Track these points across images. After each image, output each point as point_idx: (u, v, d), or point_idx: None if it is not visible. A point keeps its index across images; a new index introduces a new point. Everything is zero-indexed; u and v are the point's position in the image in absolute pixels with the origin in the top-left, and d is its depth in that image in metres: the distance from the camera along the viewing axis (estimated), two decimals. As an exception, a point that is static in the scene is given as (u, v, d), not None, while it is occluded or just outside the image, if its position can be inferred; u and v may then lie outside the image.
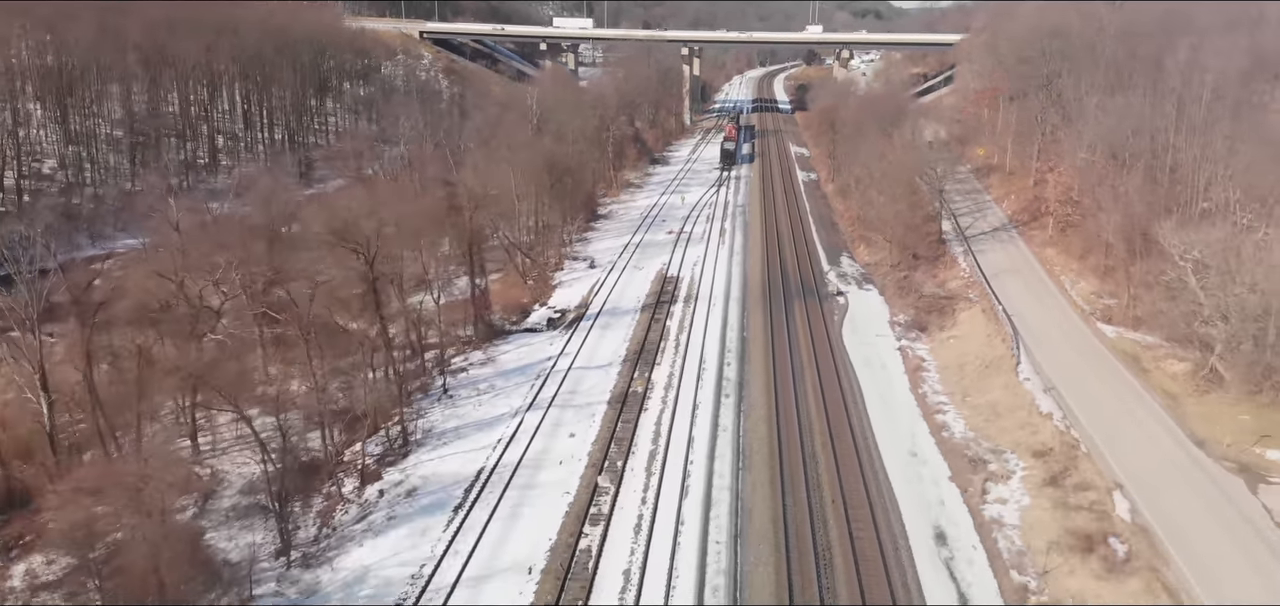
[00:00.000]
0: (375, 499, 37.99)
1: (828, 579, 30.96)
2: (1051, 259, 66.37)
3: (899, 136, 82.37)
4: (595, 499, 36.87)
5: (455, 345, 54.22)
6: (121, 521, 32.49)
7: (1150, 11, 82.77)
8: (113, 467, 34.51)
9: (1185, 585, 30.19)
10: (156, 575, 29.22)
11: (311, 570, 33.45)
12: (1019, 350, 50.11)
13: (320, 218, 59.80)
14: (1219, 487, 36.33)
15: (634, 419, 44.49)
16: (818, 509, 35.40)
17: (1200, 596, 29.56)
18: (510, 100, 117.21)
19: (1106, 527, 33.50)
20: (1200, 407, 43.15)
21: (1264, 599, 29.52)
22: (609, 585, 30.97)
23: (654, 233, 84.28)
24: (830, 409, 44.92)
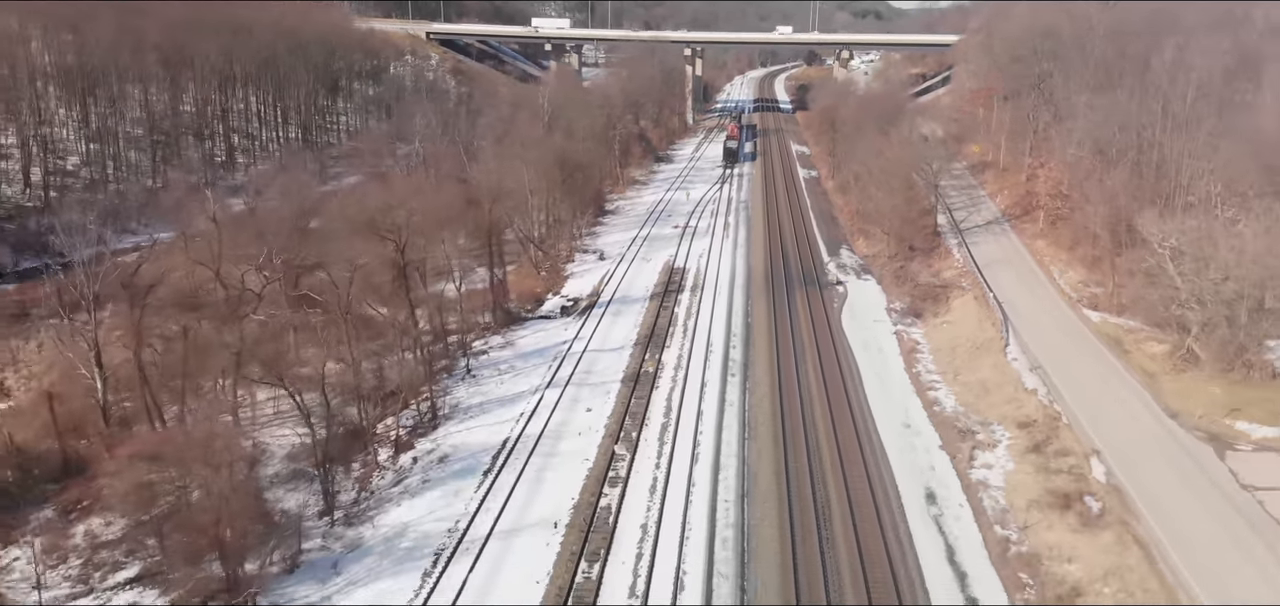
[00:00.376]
0: (409, 465, 41.08)
1: (827, 531, 34.00)
2: (1041, 250, 69.43)
3: (897, 134, 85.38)
4: (613, 464, 39.92)
5: (475, 330, 57.26)
6: (180, 482, 35.64)
7: (1138, 12, 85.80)
8: (174, 432, 37.60)
9: (1153, 537, 33.18)
10: (218, 527, 32.22)
11: (354, 527, 36.50)
12: (1008, 333, 53.20)
13: (343, 211, 63.16)
14: (1189, 454, 39.36)
15: (646, 396, 47.54)
16: (817, 472, 38.48)
17: (1166, 544, 32.55)
18: (519, 100, 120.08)
19: (1083, 488, 36.55)
20: (1176, 384, 46.15)
21: (1225, 549, 32.48)
22: (628, 537, 34.02)
23: (660, 227, 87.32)
24: (829, 386, 47.99)
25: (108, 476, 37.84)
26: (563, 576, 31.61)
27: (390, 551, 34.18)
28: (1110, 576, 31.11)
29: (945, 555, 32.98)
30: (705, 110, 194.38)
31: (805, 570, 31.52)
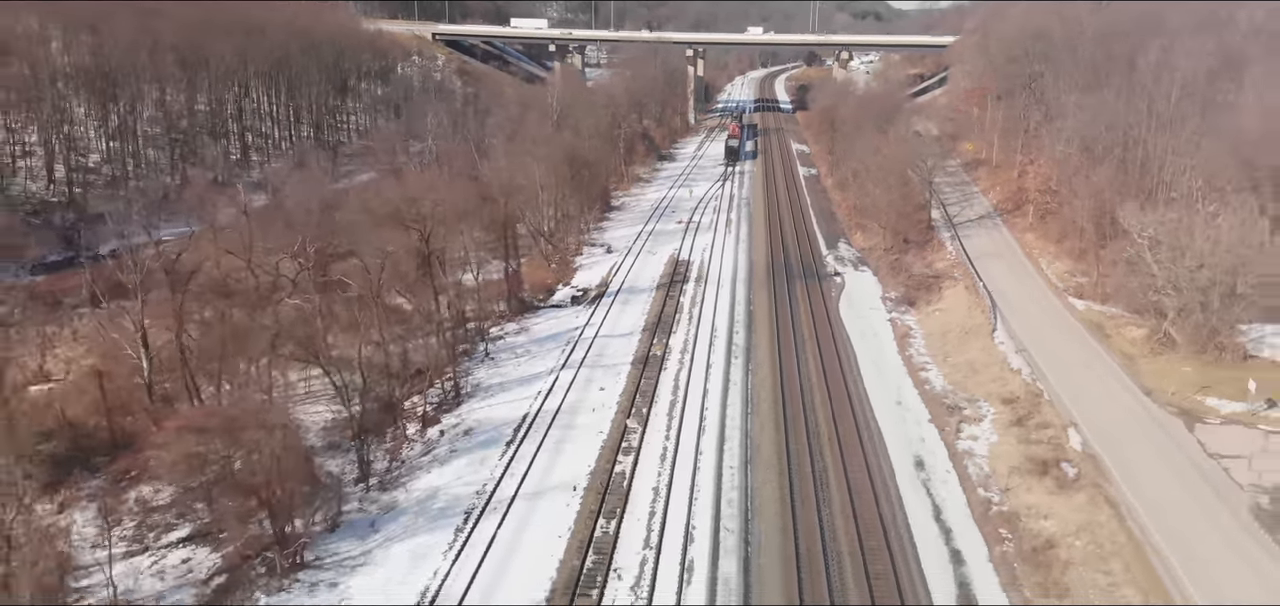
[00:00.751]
0: (437, 438, 44.16)
1: (824, 493, 37.06)
2: (1031, 243, 72.51)
3: (893, 132, 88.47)
4: (625, 436, 42.99)
5: (492, 318, 60.32)
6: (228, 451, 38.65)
7: (1127, 14, 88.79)
8: (224, 404, 40.67)
9: (1124, 498, 36.20)
10: (268, 487, 35.23)
11: (388, 492, 39.57)
12: (996, 319, 56.27)
13: (366, 204, 66.26)
14: (1161, 426, 42.41)
15: (655, 376, 50.61)
16: (815, 443, 41.57)
17: (1135, 504, 35.57)
18: (526, 100, 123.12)
19: (1060, 455, 39.60)
20: (1152, 365, 49.23)
21: (1189, 508, 35.50)
22: (642, 498, 37.09)
23: (665, 222, 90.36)
24: (827, 367, 51.06)
25: (158, 447, 40.85)
26: (583, 531, 34.67)
27: (424, 511, 37.25)
28: (1082, 531, 34.15)
29: (932, 514, 36.06)
30: (707, 110, 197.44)
31: (803, 526, 34.56)
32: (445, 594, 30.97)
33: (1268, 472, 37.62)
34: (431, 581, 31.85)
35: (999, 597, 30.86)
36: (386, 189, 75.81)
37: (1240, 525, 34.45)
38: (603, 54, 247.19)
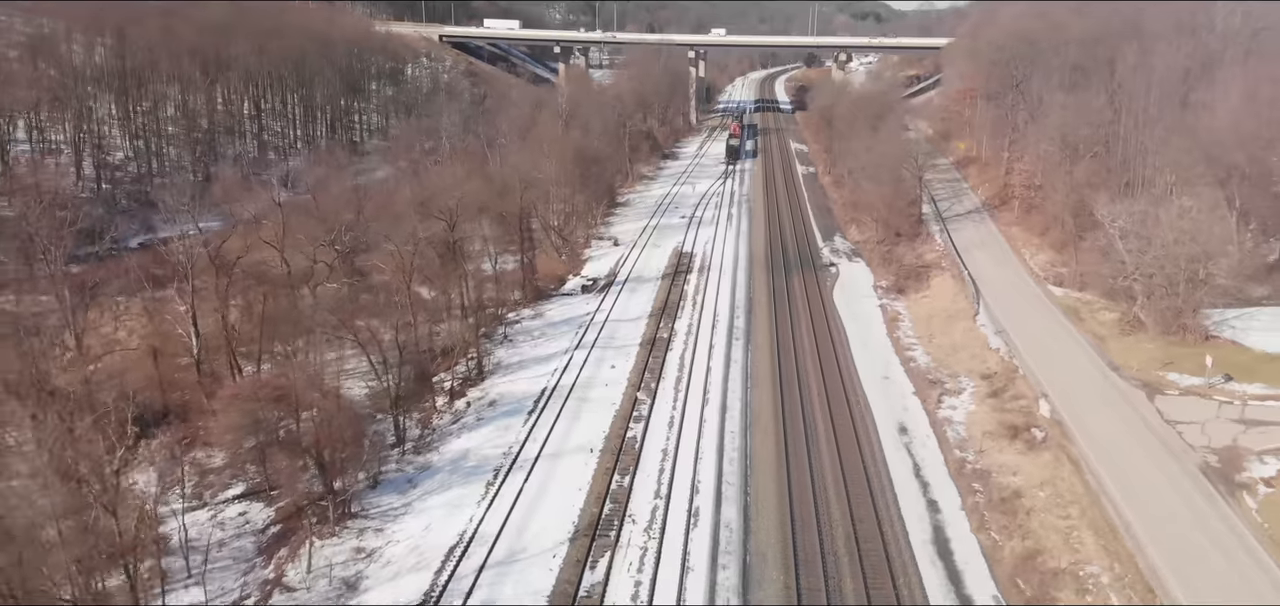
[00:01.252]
0: (464, 408, 48.39)
1: (815, 453, 41.26)
2: (1015, 235, 76.68)
3: (886, 131, 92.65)
4: (636, 407, 47.19)
5: (509, 304, 64.50)
6: (279, 416, 42.85)
7: (1108, 18, 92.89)
8: (272, 377, 44.86)
9: (1085, 456, 40.35)
10: (319, 445, 39.39)
11: (422, 454, 43.79)
12: (978, 304, 60.45)
13: (391, 198, 70.45)
14: (1124, 397, 46.55)
15: (662, 355, 54.80)
16: (808, 411, 45.78)
17: (1095, 462, 39.71)
18: (538, 100, 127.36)
19: (1030, 421, 43.78)
20: (1121, 344, 53.35)
21: (1143, 465, 39.63)
22: (652, 458, 41.29)
23: (669, 217, 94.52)
24: (820, 347, 55.26)
25: (213, 414, 45.12)
26: (600, 485, 38.86)
27: (456, 470, 41.45)
28: (1045, 484, 38.33)
29: (913, 471, 40.25)
30: (708, 110, 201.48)
31: (796, 481, 38.75)
32: (480, 534, 35.15)
33: (1217, 436, 41.74)
34: (467, 525, 36.04)
35: (969, 538, 35.03)
36: (406, 184, 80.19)
37: (1188, 478, 38.56)
38: (605, 55, 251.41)
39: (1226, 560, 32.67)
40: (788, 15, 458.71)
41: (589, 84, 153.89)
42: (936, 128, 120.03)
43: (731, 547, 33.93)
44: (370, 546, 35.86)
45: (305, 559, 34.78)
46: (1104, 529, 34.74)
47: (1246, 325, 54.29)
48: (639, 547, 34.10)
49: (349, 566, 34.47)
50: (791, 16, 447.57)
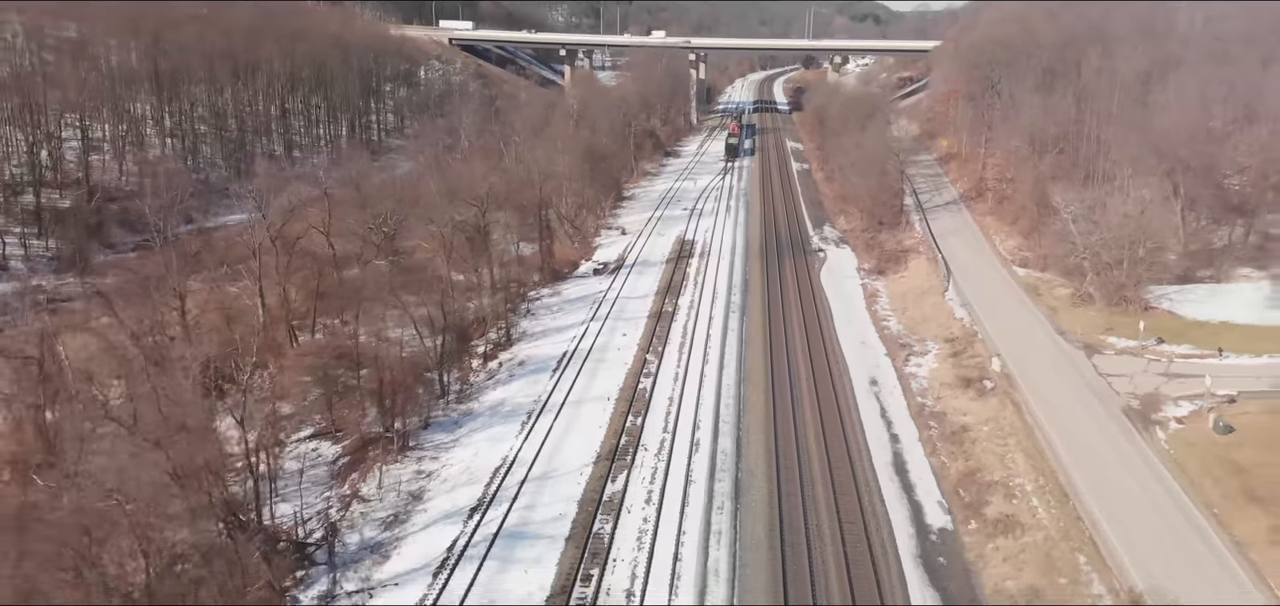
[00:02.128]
0: (497, 368, 55.91)
1: (797, 399, 48.77)
2: (988, 223, 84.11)
3: (872, 129, 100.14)
4: (645, 366, 54.66)
5: (530, 284, 71.96)
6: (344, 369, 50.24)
7: (1077, 23, 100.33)
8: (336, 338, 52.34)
9: (1026, 401, 47.70)
10: (382, 389, 46.84)
11: (464, 403, 51.27)
12: (948, 282, 67.89)
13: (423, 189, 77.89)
14: (1066, 356, 53.98)
15: (667, 326, 62.27)
16: (794, 368, 53.27)
17: (1034, 405, 47.08)
18: (546, 101, 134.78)
19: (983, 375, 51.22)
20: (1070, 315, 60.78)
21: (1074, 407, 46.98)
22: (660, 405, 48.76)
23: (671, 209, 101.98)
24: (806, 318, 62.76)
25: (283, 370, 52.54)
26: (617, 424, 46.33)
27: (495, 414, 48.95)
28: (989, 421, 45.78)
29: (879, 413, 47.75)
30: (708, 111, 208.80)
31: (781, 420, 46.22)
32: (520, 459, 42.64)
33: (1143, 386, 49.10)
34: (508, 453, 43.53)
35: (922, 461, 42.54)
36: (430, 178, 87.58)
37: (1112, 418, 45.95)
38: (607, 57, 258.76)
39: (1131, 476, 40.10)
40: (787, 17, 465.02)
41: (596, 85, 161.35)
42: (924, 126, 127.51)
43: (726, 467, 41.43)
44: (428, 469, 43.34)
45: (376, 479, 42.25)
46: (1034, 453, 42.17)
47: (1183, 298, 61.82)
48: (650, 467, 41.60)
49: (413, 483, 41.95)
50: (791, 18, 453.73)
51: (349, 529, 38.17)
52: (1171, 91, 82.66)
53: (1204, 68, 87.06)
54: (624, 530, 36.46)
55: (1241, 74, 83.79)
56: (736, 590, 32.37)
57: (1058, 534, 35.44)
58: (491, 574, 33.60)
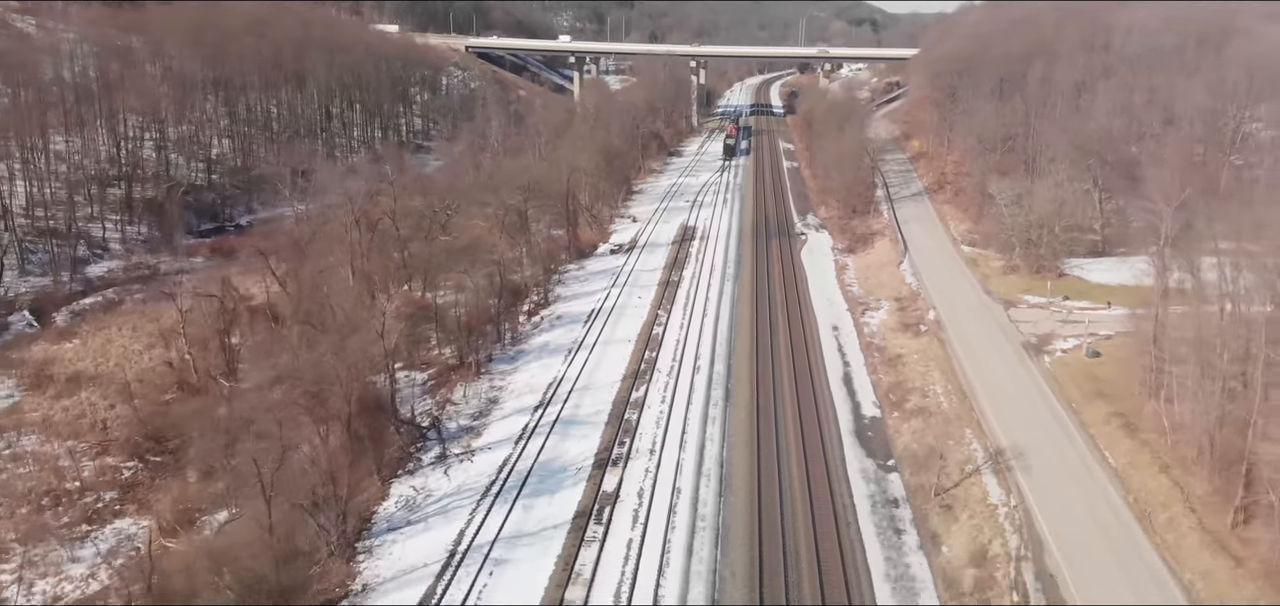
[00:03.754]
0: (540, 321, 70.69)
1: (775, 340, 63.57)
2: (945, 211, 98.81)
3: (850, 131, 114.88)
4: (657, 319, 69.39)
5: (559, 260, 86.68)
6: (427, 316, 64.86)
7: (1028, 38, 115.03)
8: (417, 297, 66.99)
9: (949, 338, 62.23)
10: (460, 329, 61.49)
11: (517, 345, 65.97)
12: (904, 257, 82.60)
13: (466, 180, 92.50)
14: (988, 309, 68.65)
15: (674, 291, 76.97)
16: (774, 317, 68.06)
17: (955, 342, 61.63)
18: (565, 106, 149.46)
19: (920, 321, 65.90)
20: (999, 280, 75.42)
21: (984, 342, 61.55)
22: (669, 344, 63.50)
23: (675, 201, 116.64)
24: (786, 285, 77.50)
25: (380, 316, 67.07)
26: (637, 357, 61.08)
27: (543, 351, 63.69)
28: (919, 352, 60.46)
29: (837, 348, 62.55)
30: (708, 114, 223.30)
31: (761, 354, 60.96)
32: (566, 378, 57.39)
33: (1043, 329, 63.60)
34: (557, 374, 58.27)
35: (864, 377, 57.36)
36: (466, 172, 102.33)
37: (1013, 351, 60.57)
38: (611, 62, 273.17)
39: (1016, 385, 54.74)
40: (786, 21, 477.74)
41: (606, 91, 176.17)
42: (901, 128, 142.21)
43: (718, 382, 56.21)
44: (498, 385, 58.06)
45: (461, 392, 56.95)
46: (947, 371, 56.87)
47: (1093, 267, 76.54)
48: (663, 382, 56.38)
49: (488, 394, 56.66)
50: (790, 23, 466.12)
51: (448, 420, 52.88)
52: (1099, 98, 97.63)
53: (1132, 76, 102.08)
54: (646, 418, 51.27)
55: (1164, 81, 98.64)
56: (725, 450, 47.06)
57: (953, 417, 50.17)
58: (556, 441, 48.36)
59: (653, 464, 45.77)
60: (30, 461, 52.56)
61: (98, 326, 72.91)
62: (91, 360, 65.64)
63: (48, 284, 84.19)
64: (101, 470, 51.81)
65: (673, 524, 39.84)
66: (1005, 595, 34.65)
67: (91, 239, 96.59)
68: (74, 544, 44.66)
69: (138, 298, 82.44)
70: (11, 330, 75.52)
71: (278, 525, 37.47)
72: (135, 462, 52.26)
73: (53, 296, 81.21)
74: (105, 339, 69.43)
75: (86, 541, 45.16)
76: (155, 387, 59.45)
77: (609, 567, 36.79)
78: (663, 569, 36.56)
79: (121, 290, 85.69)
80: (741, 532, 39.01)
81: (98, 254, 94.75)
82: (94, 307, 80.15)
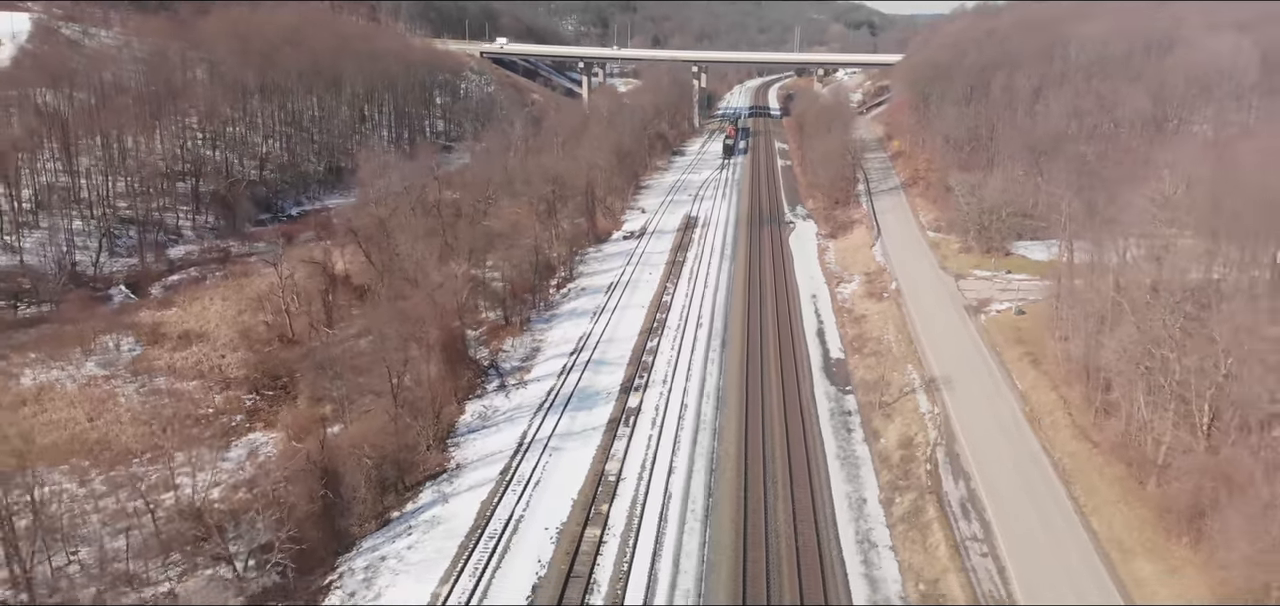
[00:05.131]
0: (567, 291, 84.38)
1: (763, 305, 77.21)
2: (917, 203, 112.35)
3: (836, 131, 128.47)
4: (665, 290, 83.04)
5: (580, 244, 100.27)
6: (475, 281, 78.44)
7: (995, 49, 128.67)
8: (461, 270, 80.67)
9: (906, 303, 75.66)
10: (508, 294, 75.09)
11: (549, 310, 79.57)
12: (877, 241, 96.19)
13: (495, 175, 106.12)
14: (942, 281, 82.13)
15: (679, 269, 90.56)
16: (763, 289, 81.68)
17: (911, 306, 75.11)
18: (580, 110, 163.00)
19: (883, 291, 79.48)
20: (955, 259, 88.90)
21: (934, 306, 75.03)
22: (676, 308, 77.14)
23: (679, 195, 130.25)
24: (775, 263, 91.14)
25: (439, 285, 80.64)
26: (650, 318, 74.73)
27: (572, 314, 77.34)
28: (881, 313, 74.04)
29: (814, 311, 76.21)
30: (709, 115, 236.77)
31: (752, 315, 74.60)
32: (592, 333, 71.00)
33: (984, 295, 77.11)
34: (585, 331, 71.89)
35: (835, 331, 70.98)
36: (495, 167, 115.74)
37: (957, 312, 74.02)
38: (616, 66, 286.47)
39: (953, 335, 68.23)
40: (785, 25, 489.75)
41: (616, 96, 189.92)
42: (886, 129, 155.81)
43: (717, 335, 69.87)
44: (539, 338, 71.70)
45: (510, 343, 70.56)
46: (901, 326, 70.43)
47: (1033, 247, 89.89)
48: (672, 335, 70.04)
49: (532, 345, 70.28)
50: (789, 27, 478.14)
51: (502, 362, 66.52)
52: (1052, 103, 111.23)
53: (1084, 83, 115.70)
54: (659, 360, 64.94)
55: (1109, 87, 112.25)
56: (721, 381, 60.64)
57: (900, 357, 63.80)
58: (589, 376, 62.01)
59: (665, 390, 59.40)
60: (166, 395, 66.22)
61: (191, 296, 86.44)
62: (194, 322, 79.15)
63: (135, 263, 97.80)
64: (227, 401, 65.49)
65: (681, 425, 53.50)
66: (920, 467, 48.21)
67: (166, 226, 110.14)
68: (219, 449, 58.22)
69: (218, 275, 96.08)
70: (113, 301, 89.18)
71: (386, 426, 51.07)
72: (253, 395, 65.97)
73: (145, 273, 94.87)
74: (202, 306, 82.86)
75: (228, 448, 58.78)
76: (258, 340, 73.15)
77: (635, 452, 50.41)
78: (675, 451, 50.20)
79: (201, 268, 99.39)
80: (732, 431, 52.65)
81: (173, 239, 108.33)
82: (181, 282, 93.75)
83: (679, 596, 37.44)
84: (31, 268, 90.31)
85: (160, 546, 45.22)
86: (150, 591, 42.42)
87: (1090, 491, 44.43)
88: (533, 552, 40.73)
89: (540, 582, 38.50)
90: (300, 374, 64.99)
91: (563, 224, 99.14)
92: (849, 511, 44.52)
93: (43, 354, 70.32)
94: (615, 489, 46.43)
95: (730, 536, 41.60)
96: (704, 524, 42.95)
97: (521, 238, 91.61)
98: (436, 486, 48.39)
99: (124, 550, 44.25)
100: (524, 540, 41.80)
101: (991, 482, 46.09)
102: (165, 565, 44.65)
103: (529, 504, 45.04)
